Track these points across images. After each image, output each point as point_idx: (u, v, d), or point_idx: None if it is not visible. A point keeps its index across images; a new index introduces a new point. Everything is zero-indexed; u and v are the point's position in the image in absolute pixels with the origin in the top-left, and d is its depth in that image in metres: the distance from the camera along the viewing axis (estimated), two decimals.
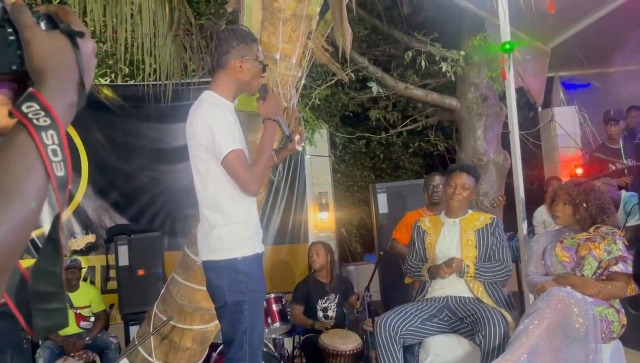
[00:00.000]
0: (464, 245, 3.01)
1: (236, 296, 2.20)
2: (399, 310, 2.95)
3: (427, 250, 3.14)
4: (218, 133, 2.13)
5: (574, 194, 2.73)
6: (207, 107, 2.20)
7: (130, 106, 5.58)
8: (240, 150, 2.16)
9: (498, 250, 3.02)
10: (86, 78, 0.71)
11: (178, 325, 3.12)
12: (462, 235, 3.05)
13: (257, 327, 2.25)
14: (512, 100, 3.98)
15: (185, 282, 3.14)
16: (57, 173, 0.65)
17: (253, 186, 2.17)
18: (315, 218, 5.93)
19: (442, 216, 3.23)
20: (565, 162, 6.21)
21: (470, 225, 3.08)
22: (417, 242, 3.23)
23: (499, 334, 2.68)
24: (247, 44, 2.23)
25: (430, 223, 3.24)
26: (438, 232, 3.14)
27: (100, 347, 4.30)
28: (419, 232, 3.24)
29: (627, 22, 5.25)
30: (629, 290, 2.63)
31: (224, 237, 2.22)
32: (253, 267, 2.24)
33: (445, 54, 5.26)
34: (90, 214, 5.37)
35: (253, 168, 2.18)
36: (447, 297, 3.00)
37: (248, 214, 2.26)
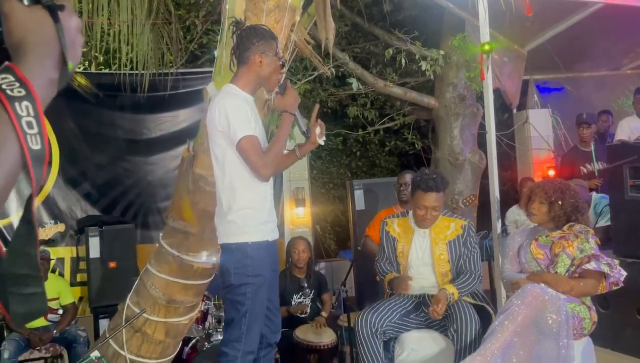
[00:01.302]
0: (436, 260, 2.94)
1: (241, 279, 2.32)
2: (378, 306, 2.94)
3: (399, 257, 3.05)
4: (234, 119, 2.26)
5: (550, 192, 2.78)
6: (226, 96, 2.35)
7: (105, 95, 5.46)
8: (255, 136, 2.28)
9: (469, 259, 2.97)
10: (70, 55, 0.68)
11: (151, 317, 3.07)
12: (434, 248, 2.96)
13: (258, 311, 2.35)
14: (489, 100, 4.03)
15: (159, 274, 3.09)
16: (32, 146, 0.61)
17: (265, 171, 2.29)
18: (292, 213, 5.91)
19: (411, 222, 3.07)
20: (538, 163, 6.33)
21: (441, 236, 2.97)
22: (386, 245, 3.12)
23: (472, 330, 2.71)
24: (267, 41, 2.37)
25: (399, 228, 3.09)
26: (409, 241, 3.02)
27: (68, 341, 4.19)
28: (388, 237, 3.10)
29: (600, 29, 5.38)
30: (600, 288, 2.68)
31: (236, 221, 2.35)
32: (261, 253, 2.34)
33: (425, 53, 5.30)
34: (60, 204, 5.23)
35: (266, 154, 2.30)
36: (424, 294, 3.00)
37: (262, 200, 2.38)
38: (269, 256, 2.41)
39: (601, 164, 4.93)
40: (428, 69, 5.20)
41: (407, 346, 2.92)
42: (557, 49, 5.80)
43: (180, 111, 5.63)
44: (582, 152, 5.16)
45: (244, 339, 2.32)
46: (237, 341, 2.33)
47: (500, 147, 5.85)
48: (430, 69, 5.21)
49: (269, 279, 2.41)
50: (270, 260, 2.43)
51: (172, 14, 4.50)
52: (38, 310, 0.67)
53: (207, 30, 6.20)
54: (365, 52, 6.52)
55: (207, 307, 3.94)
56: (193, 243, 3.05)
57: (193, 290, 3.16)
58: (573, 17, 5.31)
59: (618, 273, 2.66)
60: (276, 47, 2.39)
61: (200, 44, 6.44)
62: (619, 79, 6.74)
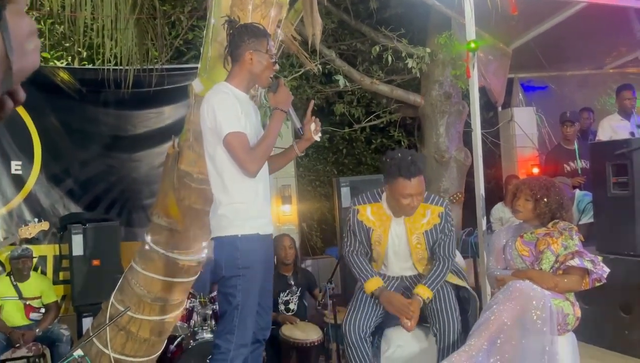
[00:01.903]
0: (413, 250, 2.85)
1: (232, 271, 2.35)
2: (362, 307, 2.84)
3: (375, 249, 2.90)
4: (220, 115, 2.30)
5: (536, 189, 2.81)
6: (215, 93, 2.38)
7: (88, 91, 5.37)
8: (241, 133, 2.31)
9: (444, 244, 2.84)
10: (15, 57, 0.65)
11: (136, 315, 3.04)
12: (410, 237, 2.84)
13: (249, 304, 2.36)
14: (475, 98, 4.06)
15: (144, 271, 3.07)
16: None
17: (251, 167, 2.31)
18: (278, 211, 5.89)
19: (385, 209, 2.87)
20: (523, 161, 6.39)
21: (417, 225, 2.82)
22: (359, 234, 2.90)
23: (454, 331, 2.70)
24: (258, 38, 2.40)
25: (373, 216, 2.88)
26: (386, 230, 2.85)
27: (51, 339, 4.13)
28: (362, 227, 2.89)
29: (583, 28, 5.45)
30: (583, 284, 2.72)
31: (226, 215, 2.38)
32: (252, 246, 2.37)
33: (411, 51, 5.31)
34: (42, 202, 5.15)
35: (254, 150, 2.33)
36: (402, 276, 2.93)
37: (253, 195, 2.40)
38: (261, 249, 2.42)
39: (584, 161, 4.99)
40: (414, 66, 5.21)
41: (393, 342, 2.93)
42: (542, 47, 5.85)
43: (165, 107, 5.57)
44: (566, 150, 5.22)
45: (237, 331, 2.34)
46: (230, 333, 2.35)
47: (485, 145, 5.89)
48: (417, 66, 5.23)
49: (261, 272, 2.42)
50: (262, 253, 2.43)
51: (157, 9, 4.45)
52: None
53: (193, 26, 6.15)
54: (352, 50, 6.52)
55: (192, 305, 3.91)
56: (178, 240, 3.02)
57: (178, 287, 3.14)
58: (557, 16, 5.36)
59: (601, 270, 2.70)
60: (267, 44, 2.42)
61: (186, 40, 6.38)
62: (601, 77, 6.84)
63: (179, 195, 2.94)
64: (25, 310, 4.19)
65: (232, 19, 2.50)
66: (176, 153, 2.97)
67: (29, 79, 0.71)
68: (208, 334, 3.75)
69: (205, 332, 3.79)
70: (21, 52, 0.66)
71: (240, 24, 2.48)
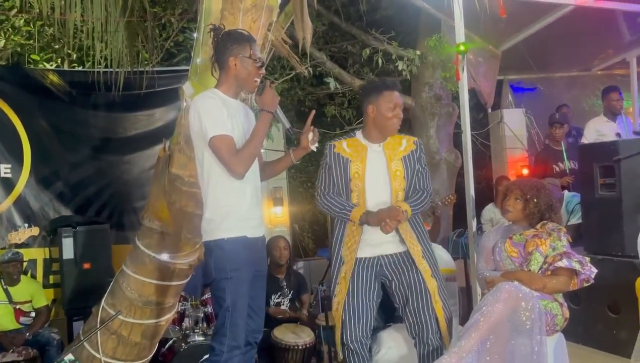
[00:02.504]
0: (392, 177, 2.76)
1: (221, 274, 2.38)
2: (356, 316, 2.75)
3: (354, 180, 2.76)
4: (205, 119, 2.33)
5: (526, 190, 2.85)
6: (201, 99, 2.42)
7: (78, 93, 5.34)
8: (226, 135, 2.34)
9: (422, 175, 2.82)
10: None
11: (127, 319, 3.04)
12: (390, 164, 2.77)
13: (239, 306, 2.39)
14: (465, 100, 4.10)
15: (135, 274, 3.06)
16: None
17: (238, 169, 2.34)
18: (270, 213, 5.90)
19: (361, 139, 2.84)
20: (513, 162, 6.45)
21: (395, 152, 2.80)
22: (336, 169, 2.79)
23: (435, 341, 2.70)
24: (241, 44, 2.44)
25: (350, 149, 2.81)
26: (363, 160, 2.78)
27: (41, 343, 4.11)
28: (339, 160, 2.79)
29: (571, 30, 5.51)
30: (572, 285, 2.75)
31: (213, 219, 2.42)
32: (238, 247, 2.39)
33: (401, 53, 5.35)
34: (32, 205, 5.10)
35: (240, 152, 2.36)
36: (378, 256, 2.78)
37: (240, 198, 2.41)
38: (249, 252, 2.43)
39: (572, 162, 5.04)
40: (404, 69, 5.25)
41: (384, 344, 2.95)
42: (530, 49, 5.91)
43: (156, 110, 5.55)
44: (554, 150, 5.27)
45: (229, 333, 2.36)
46: (222, 335, 2.38)
47: (475, 146, 5.94)
48: (407, 69, 5.27)
49: (250, 274, 2.43)
50: (251, 256, 2.44)
51: (147, 11, 4.44)
52: None
53: (183, 28, 6.14)
54: (343, 52, 6.55)
55: (184, 308, 3.91)
56: (169, 243, 3.02)
57: (170, 291, 3.13)
58: (545, 18, 5.41)
59: (589, 270, 2.73)
60: (251, 49, 2.45)
61: (176, 42, 6.38)
62: (589, 79, 6.91)
63: (170, 198, 2.94)
64: (15, 314, 4.17)
65: (216, 27, 2.52)
66: (167, 156, 2.97)
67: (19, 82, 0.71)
68: (200, 337, 3.75)
69: (196, 334, 3.78)
70: None
71: (224, 31, 2.51)
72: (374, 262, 2.77)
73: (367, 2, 5.80)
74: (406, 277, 2.74)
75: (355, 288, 2.75)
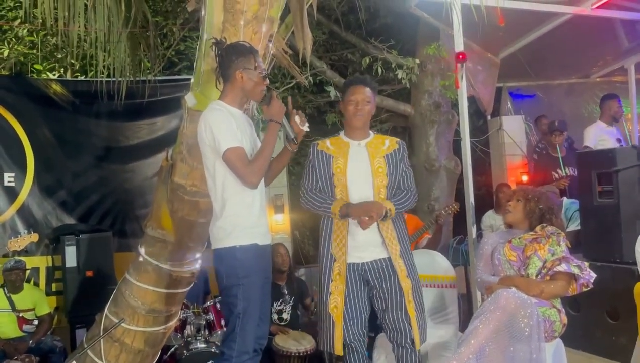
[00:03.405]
0: (375, 173, 2.78)
1: (232, 281, 2.43)
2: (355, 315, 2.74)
3: (336, 175, 2.80)
4: (217, 132, 2.39)
5: (528, 191, 2.94)
6: (210, 112, 2.48)
7: (81, 102, 5.40)
8: (239, 147, 2.41)
9: (406, 176, 2.85)
10: None
11: (130, 327, 3.06)
12: (372, 161, 2.80)
13: (250, 311, 2.42)
14: (464, 108, 4.14)
15: (138, 283, 3.09)
16: None
17: (252, 179, 2.41)
18: (271, 220, 5.93)
19: (343, 137, 2.90)
20: (512, 169, 6.47)
21: (378, 150, 2.84)
22: (319, 166, 2.84)
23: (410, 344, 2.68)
24: (246, 56, 2.50)
25: (332, 146, 2.87)
26: (345, 155, 2.82)
27: (44, 351, 4.13)
28: (321, 156, 2.85)
29: (569, 38, 5.56)
30: (570, 289, 2.77)
31: (224, 227, 2.46)
32: (250, 255, 2.44)
33: (400, 62, 5.39)
34: (35, 213, 5.15)
35: (253, 163, 2.42)
36: (363, 263, 2.77)
37: (248, 207, 2.48)
38: (259, 259, 2.49)
39: (571, 169, 5.07)
40: (404, 77, 5.29)
41: (384, 350, 2.97)
42: (529, 57, 5.96)
43: (157, 118, 5.60)
44: (553, 157, 5.30)
45: (238, 339, 2.41)
46: (232, 341, 2.42)
47: (475, 153, 5.97)
48: (406, 77, 5.31)
49: (260, 281, 2.49)
50: (261, 263, 2.50)
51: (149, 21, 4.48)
52: None
53: (185, 37, 6.20)
54: (343, 60, 6.60)
55: (186, 315, 3.93)
56: (172, 252, 3.05)
57: (172, 298, 3.16)
58: (543, 26, 5.47)
59: (588, 275, 2.76)
60: (255, 60, 2.51)
61: (178, 51, 6.43)
62: (588, 86, 6.96)
63: (173, 207, 2.97)
64: (18, 322, 4.19)
65: (218, 40, 2.57)
66: (170, 165, 3.00)
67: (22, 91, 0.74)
68: (201, 344, 3.77)
69: (198, 342, 3.81)
70: None
71: (228, 44, 2.56)
72: (360, 267, 2.77)
73: (366, 11, 5.85)
74: (387, 284, 2.73)
75: (351, 290, 2.76)
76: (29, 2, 3.78)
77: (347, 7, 6.02)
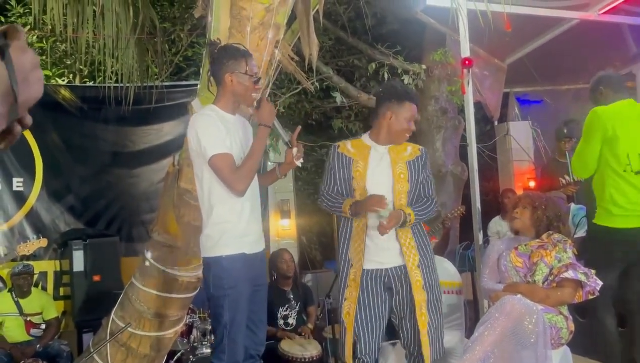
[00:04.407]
0: (396, 179, 2.71)
1: (219, 291, 2.38)
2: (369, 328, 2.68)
3: (355, 179, 2.73)
4: (203, 138, 2.34)
5: (534, 198, 2.91)
6: (198, 117, 2.43)
7: (89, 108, 5.45)
8: (226, 153, 2.34)
9: (427, 183, 2.78)
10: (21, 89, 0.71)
11: (136, 331, 3.07)
12: (394, 167, 2.73)
13: (237, 321, 2.38)
14: (470, 114, 4.13)
15: (144, 287, 3.10)
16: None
17: (238, 186, 2.34)
18: (277, 225, 5.94)
19: (366, 140, 2.81)
20: (519, 174, 6.44)
21: (400, 156, 2.77)
22: (338, 168, 2.77)
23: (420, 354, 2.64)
24: (237, 59, 2.41)
25: (353, 148, 2.79)
26: (366, 158, 2.75)
27: (51, 355, 4.16)
28: (341, 159, 2.77)
29: (576, 43, 5.53)
30: (577, 296, 2.75)
31: (211, 235, 2.41)
32: (236, 265, 2.38)
33: (407, 67, 5.40)
34: (44, 218, 5.20)
35: (239, 169, 2.35)
36: (385, 269, 2.69)
37: (237, 214, 2.41)
38: (248, 268, 2.42)
39: None
40: (410, 82, 5.30)
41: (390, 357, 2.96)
42: (536, 62, 5.94)
43: (164, 124, 5.64)
44: (560, 163, 5.27)
45: (227, 350, 2.37)
46: (222, 352, 2.38)
47: (482, 159, 5.95)
48: (413, 82, 5.31)
49: (248, 290, 2.43)
50: (249, 272, 2.43)
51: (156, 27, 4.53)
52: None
53: (192, 43, 6.24)
54: (349, 66, 6.61)
55: (192, 320, 3.94)
56: (178, 256, 3.06)
57: (178, 303, 3.17)
58: (550, 32, 5.45)
59: (594, 282, 2.74)
60: (246, 64, 2.41)
61: (185, 57, 6.48)
62: None
63: (179, 212, 2.98)
64: (25, 326, 4.22)
65: (213, 41, 2.52)
66: (176, 171, 3.01)
67: None
68: (207, 349, 3.78)
69: (204, 347, 3.82)
70: (26, 84, 0.72)
71: (221, 45, 2.50)
72: (382, 274, 2.70)
73: (373, 17, 5.88)
74: (401, 293, 2.68)
75: (366, 300, 2.68)
76: (39, 9, 3.83)
77: (354, 13, 6.04)
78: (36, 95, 0.75)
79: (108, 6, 3.99)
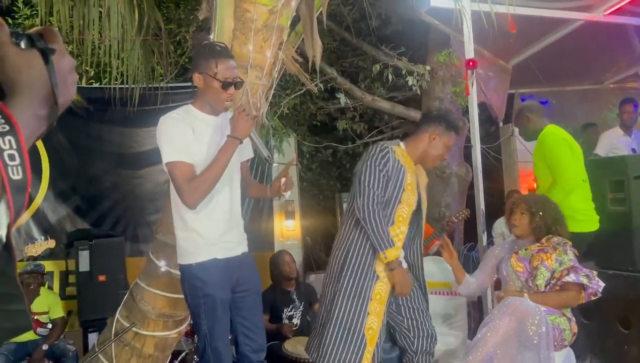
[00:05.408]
0: (423, 202, 2.72)
1: (194, 300, 2.30)
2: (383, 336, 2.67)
3: (407, 192, 2.55)
4: (162, 143, 2.20)
5: (531, 203, 2.88)
6: (163, 119, 2.26)
7: (95, 109, 5.49)
8: (181, 162, 2.16)
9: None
10: (60, 92, 0.73)
11: (141, 331, 3.09)
12: (422, 192, 2.74)
13: (218, 331, 2.27)
14: (474, 115, 4.13)
15: (149, 287, 3.11)
16: (13, 176, 0.67)
17: (189, 199, 2.15)
18: (281, 226, 5.95)
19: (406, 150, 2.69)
20: (525, 175, 6.43)
21: (422, 178, 2.77)
22: (394, 176, 2.54)
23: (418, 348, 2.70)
24: (206, 60, 2.23)
25: (403, 157, 2.61)
26: (413, 172, 2.63)
27: (57, 355, 4.19)
28: (398, 166, 2.56)
29: (581, 44, 5.52)
30: (580, 299, 2.75)
31: (181, 244, 2.33)
32: (209, 272, 2.26)
33: (411, 68, 5.40)
34: (50, 218, 5.24)
35: (194, 181, 2.15)
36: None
37: (207, 222, 2.27)
38: (222, 274, 2.30)
39: None
40: (414, 83, 5.30)
41: None
42: (541, 63, 5.92)
43: None
44: None
45: (212, 359, 2.29)
46: (207, 361, 2.31)
47: (487, 160, 5.95)
48: (417, 84, 5.32)
49: (225, 296, 2.32)
50: (224, 278, 2.30)
51: (162, 29, 4.55)
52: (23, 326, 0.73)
53: None
54: (354, 67, 6.62)
55: None
56: None
57: (182, 303, 3.18)
58: (555, 33, 5.44)
59: (596, 284, 2.74)
60: (216, 66, 2.21)
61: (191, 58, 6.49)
62: (601, 92, 6.89)
63: None
64: (33, 325, 4.25)
65: (198, 36, 2.49)
66: None
67: None
68: None
69: None
70: (64, 87, 0.74)
71: (200, 43, 2.41)
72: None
73: (377, 18, 5.88)
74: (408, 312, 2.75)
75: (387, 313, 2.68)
76: (45, 11, 3.87)
77: (358, 14, 6.05)
78: (71, 98, 0.77)
79: (114, 8, 4.02)
